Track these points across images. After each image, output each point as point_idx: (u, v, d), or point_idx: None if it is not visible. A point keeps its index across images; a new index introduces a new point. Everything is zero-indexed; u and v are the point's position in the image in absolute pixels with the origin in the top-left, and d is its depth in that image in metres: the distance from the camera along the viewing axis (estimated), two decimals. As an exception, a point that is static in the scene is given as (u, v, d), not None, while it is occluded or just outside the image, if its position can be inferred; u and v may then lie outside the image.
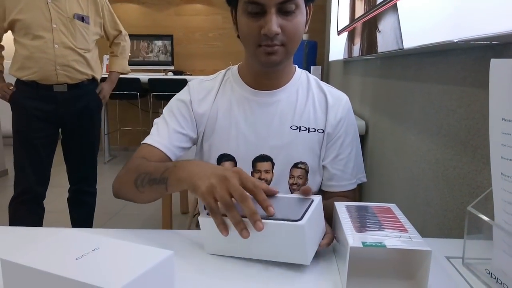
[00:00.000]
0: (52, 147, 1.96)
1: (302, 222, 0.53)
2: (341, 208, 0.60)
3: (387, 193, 1.39)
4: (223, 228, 0.58)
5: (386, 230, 0.51)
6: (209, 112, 0.92)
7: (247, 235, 0.56)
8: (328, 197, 0.93)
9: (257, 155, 0.90)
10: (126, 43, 2.25)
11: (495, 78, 0.40)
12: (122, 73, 2.27)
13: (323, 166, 0.93)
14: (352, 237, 0.49)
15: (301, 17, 0.82)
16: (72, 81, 1.89)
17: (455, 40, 0.71)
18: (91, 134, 2.07)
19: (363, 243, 0.47)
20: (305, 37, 3.36)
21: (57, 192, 2.32)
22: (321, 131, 0.92)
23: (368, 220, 0.54)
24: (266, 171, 0.91)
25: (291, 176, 0.91)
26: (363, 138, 1.82)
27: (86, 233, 0.52)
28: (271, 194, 0.62)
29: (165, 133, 0.90)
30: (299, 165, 0.91)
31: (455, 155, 0.84)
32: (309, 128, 0.91)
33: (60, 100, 1.89)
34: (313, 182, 0.93)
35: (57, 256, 0.46)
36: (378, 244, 0.46)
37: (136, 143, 4.67)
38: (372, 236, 0.49)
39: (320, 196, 0.62)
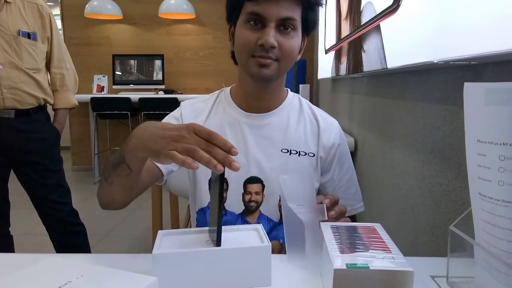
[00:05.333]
0: None
1: (267, 243, 0.56)
2: (326, 228, 0.60)
3: (377, 209, 1.39)
4: (192, 163, 0.54)
5: (370, 250, 0.51)
6: None
7: (230, 161, 0.54)
8: None
9: (248, 177, 0.91)
10: (66, 71, 1.92)
11: (469, 101, 0.41)
12: (69, 108, 1.97)
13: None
14: (336, 258, 0.49)
15: (297, 40, 0.85)
16: (21, 105, 1.70)
17: (435, 61, 0.73)
18: (52, 173, 1.83)
19: (347, 265, 0.47)
20: (294, 55, 3.41)
21: (24, 214, 2.18)
22: (312, 155, 0.93)
23: (352, 241, 0.55)
24: (257, 193, 0.91)
25: None
26: (352, 155, 1.83)
27: (70, 260, 0.51)
28: (227, 148, 0.58)
29: None
30: None
31: (440, 172, 0.85)
32: (299, 151, 0.92)
33: (5, 127, 1.69)
34: None
35: (41, 284, 0.45)
36: (361, 265, 0.47)
37: (127, 162, 4.65)
38: (356, 258, 0.49)
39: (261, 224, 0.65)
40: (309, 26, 0.88)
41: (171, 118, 0.96)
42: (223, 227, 0.61)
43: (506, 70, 0.62)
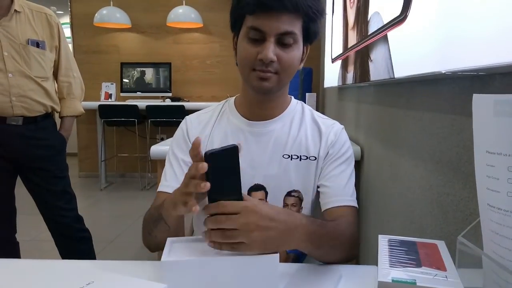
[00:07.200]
0: (3, 179, 1.78)
1: (276, 254, 0.56)
2: (383, 241, 0.59)
3: (384, 219, 1.39)
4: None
5: (423, 267, 0.50)
6: (206, 144, 0.93)
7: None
8: (330, 218, 0.92)
9: (252, 185, 0.91)
10: (73, 79, 1.96)
11: (478, 112, 0.42)
12: (75, 116, 2.01)
13: (318, 192, 0.94)
14: (383, 271, 0.49)
15: (297, 52, 0.86)
16: (29, 113, 1.73)
17: (443, 71, 0.73)
18: (58, 179, 1.86)
19: (392, 279, 0.47)
20: (300, 64, 3.42)
21: (30, 219, 2.21)
22: (313, 158, 0.93)
23: (406, 256, 0.53)
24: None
25: (285, 205, 0.92)
26: (358, 163, 1.83)
27: (81, 266, 0.52)
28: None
29: (172, 174, 0.93)
30: (292, 193, 0.92)
31: (448, 181, 0.85)
32: (300, 156, 0.93)
33: (13, 134, 1.72)
34: (307, 210, 0.94)
35: (51, 290, 0.46)
36: (407, 281, 0.46)
37: (133, 169, 4.68)
38: (406, 273, 0.48)
39: None
40: (311, 36, 0.89)
41: (179, 130, 0.99)
42: None
43: (514, 81, 0.63)
